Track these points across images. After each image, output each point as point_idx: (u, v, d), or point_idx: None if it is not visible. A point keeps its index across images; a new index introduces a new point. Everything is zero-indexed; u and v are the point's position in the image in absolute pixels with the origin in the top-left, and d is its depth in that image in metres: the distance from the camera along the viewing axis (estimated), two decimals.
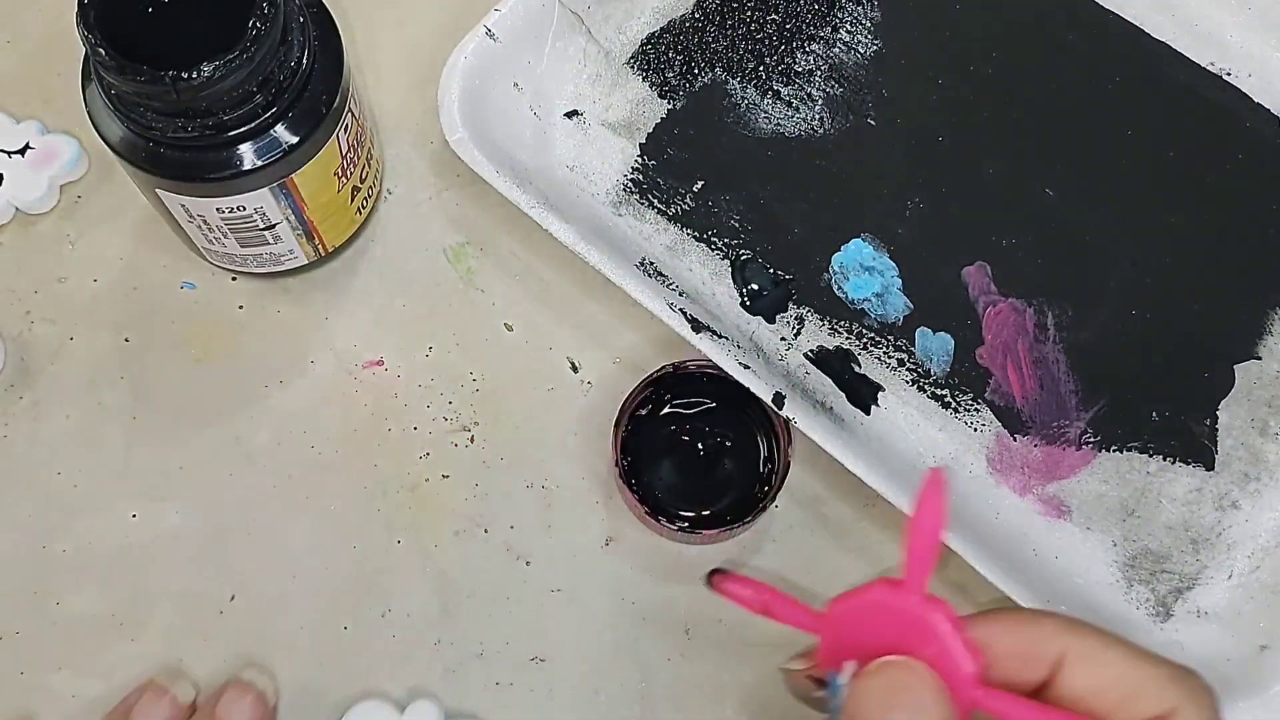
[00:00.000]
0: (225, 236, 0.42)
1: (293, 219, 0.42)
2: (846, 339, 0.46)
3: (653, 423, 0.43)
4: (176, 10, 0.38)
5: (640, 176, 0.47)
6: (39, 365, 0.45)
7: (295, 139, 0.39)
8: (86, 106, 0.39)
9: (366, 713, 0.41)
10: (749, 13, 0.49)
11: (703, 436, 0.44)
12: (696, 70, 0.49)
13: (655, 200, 0.47)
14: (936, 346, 0.46)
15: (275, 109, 0.38)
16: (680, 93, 0.48)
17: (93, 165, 0.48)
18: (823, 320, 0.46)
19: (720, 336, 0.43)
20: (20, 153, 0.47)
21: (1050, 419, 0.45)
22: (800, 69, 0.49)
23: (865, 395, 0.45)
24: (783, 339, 0.46)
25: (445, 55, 0.44)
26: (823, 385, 0.45)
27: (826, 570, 0.44)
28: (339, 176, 0.42)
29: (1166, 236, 0.47)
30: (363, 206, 0.45)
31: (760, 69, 0.49)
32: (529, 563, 0.44)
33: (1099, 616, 0.41)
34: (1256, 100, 0.49)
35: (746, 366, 0.42)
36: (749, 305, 0.46)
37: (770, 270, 0.46)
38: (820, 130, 0.48)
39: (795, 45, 0.49)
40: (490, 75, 0.45)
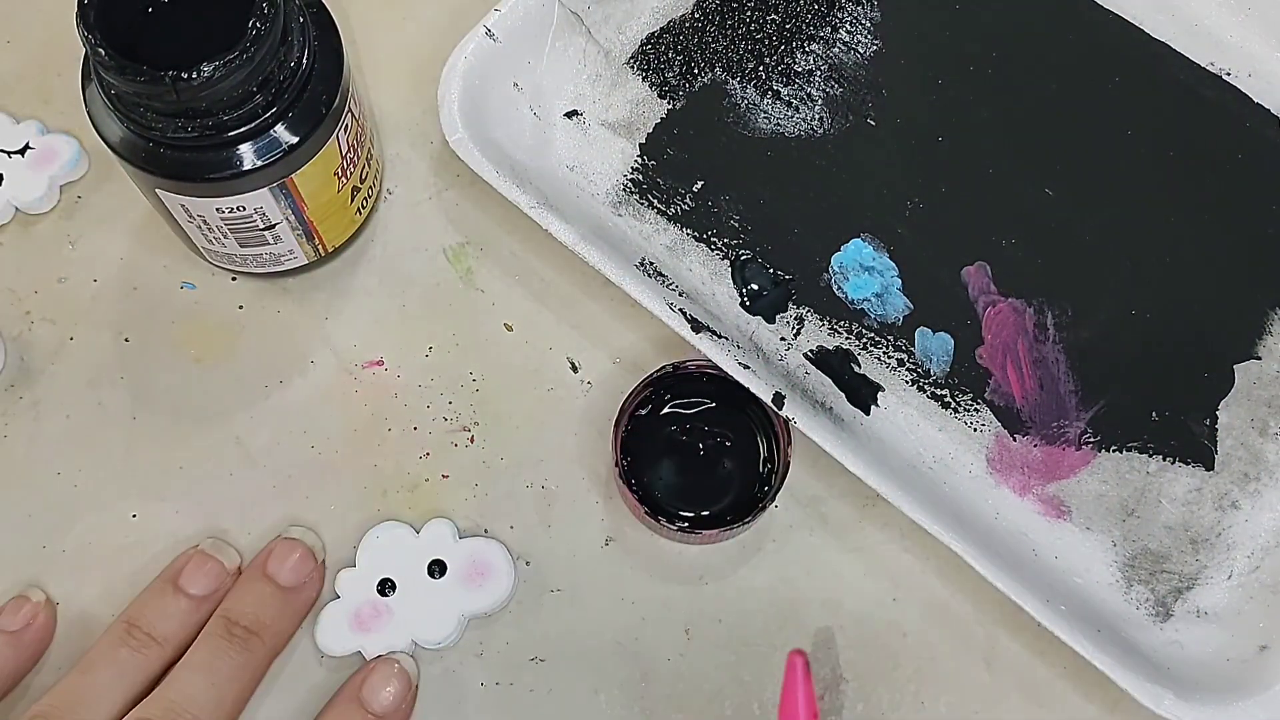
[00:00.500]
0: (225, 236, 0.42)
1: (293, 219, 0.42)
2: (846, 339, 0.46)
3: (653, 423, 0.43)
4: (176, 10, 0.38)
5: (640, 176, 0.47)
6: (39, 365, 0.45)
7: (295, 139, 0.39)
8: (86, 106, 0.39)
9: (385, 531, 0.43)
10: (749, 13, 0.49)
11: (703, 436, 0.44)
12: (696, 70, 0.49)
13: (655, 200, 0.47)
14: (936, 346, 0.46)
15: (275, 109, 0.38)
16: (680, 93, 0.48)
17: (93, 165, 0.48)
18: (823, 320, 0.46)
19: (720, 336, 0.43)
20: (20, 153, 0.47)
21: (1050, 419, 0.45)
22: (800, 69, 0.49)
23: (865, 395, 0.45)
24: (782, 339, 0.46)
25: (445, 55, 0.44)
26: (822, 385, 0.45)
27: (826, 570, 0.44)
28: (339, 176, 0.42)
29: (1166, 236, 0.47)
30: (363, 206, 0.45)
31: (760, 69, 0.49)
32: (529, 563, 0.44)
33: (1099, 616, 0.42)
34: (1256, 100, 0.49)
35: (746, 366, 0.42)
36: (749, 305, 0.46)
37: (770, 270, 0.46)
38: (820, 130, 0.48)
39: (795, 45, 0.49)
40: (490, 75, 0.45)
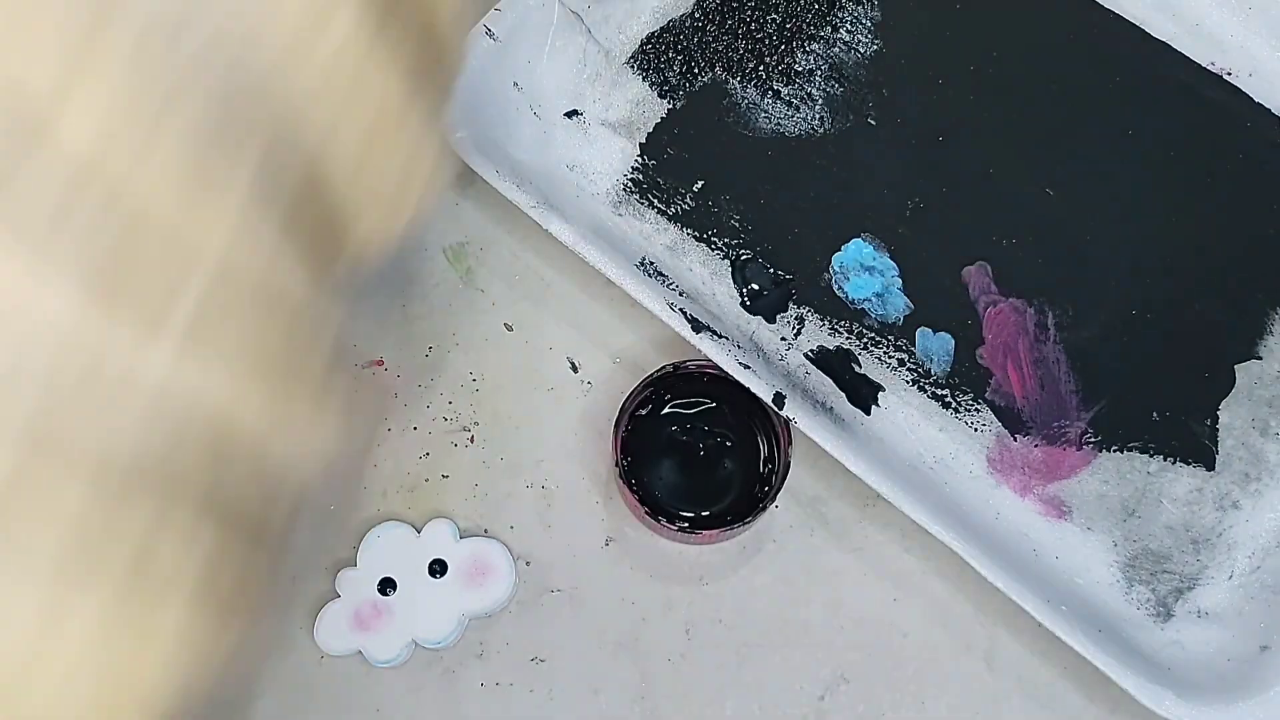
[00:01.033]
0: None
1: None
2: (847, 339, 0.46)
3: (653, 423, 0.43)
4: None
5: (640, 176, 0.47)
6: None
7: None
8: None
9: (385, 531, 0.43)
10: (749, 12, 0.49)
11: (703, 436, 0.43)
12: (696, 70, 0.49)
13: (655, 200, 0.47)
14: (937, 346, 0.46)
15: None
16: (680, 92, 0.48)
17: None
18: (823, 320, 0.46)
19: (720, 336, 0.43)
20: None
21: (1050, 419, 0.45)
22: (800, 69, 0.49)
23: (865, 395, 0.45)
24: (783, 339, 0.46)
25: None
26: (823, 385, 0.45)
27: (826, 570, 0.44)
28: None
29: (1166, 236, 0.47)
30: None
31: (760, 69, 0.49)
32: (529, 563, 0.44)
33: (1100, 617, 0.42)
34: (1257, 100, 0.49)
35: (746, 366, 0.42)
36: (749, 305, 0.46)
37: (770, 270, 0.46)
38: (820, 130, 0.48)
39: (795, 45, 0.49)
40: (490, 75, 0.45)
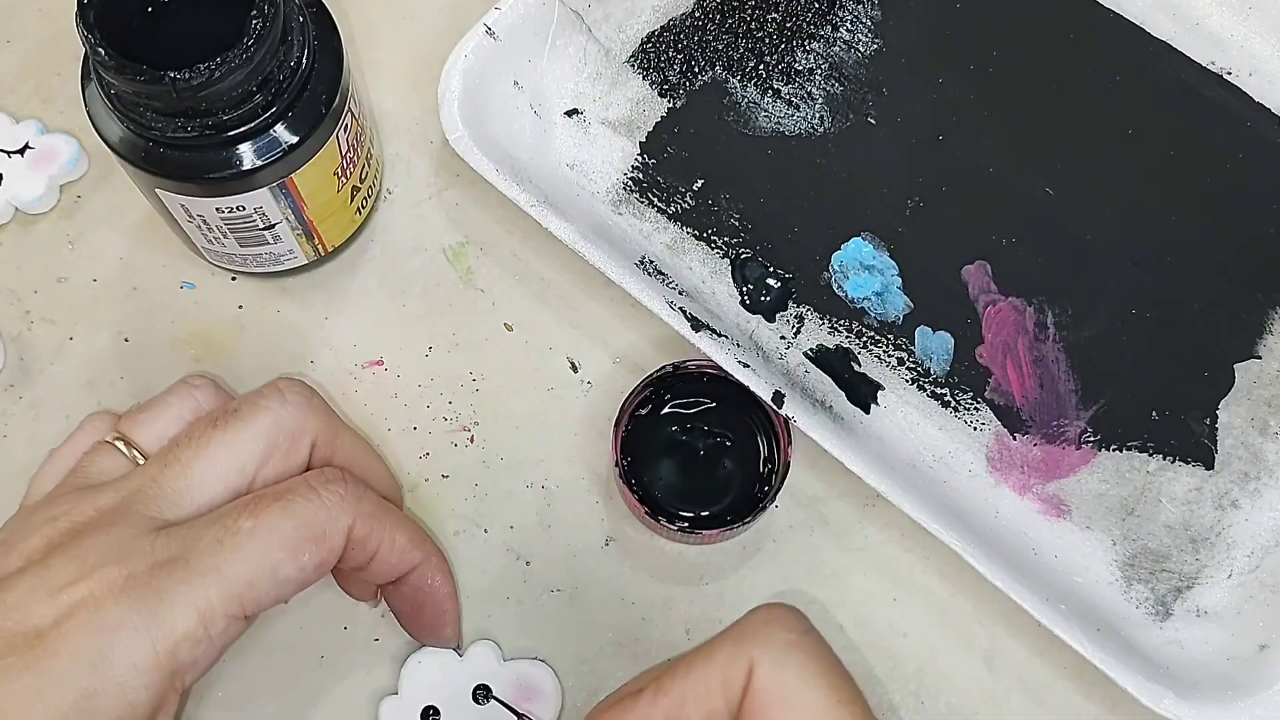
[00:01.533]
0: (225, 236, 0.42)
1: (292, 219, 0.42)
2: (846, 338, 0.46)
3: (653, 423, 0.43)
4: (176, 10, 0.38)
5: (640, 175, 0.47)
6: (39, 365, 0.45)
7: (295, 139, 0.39)
8: (86, 106, 0.39)
9: (427, 656, 0.42)
10: (749, 11, 0.49)
11: (703, 436, 0.43)
12: (696, 69, 0.49)
13: (655, 199, 0.47)
14: (936, 345, 0.46)
15: (275, 109, 0.38)
16: (680, 91, 0.48)
17: (92, 165, 0.48)
18: (822, 319, 0.46)
19: (720, 335, 0.43)
20: (20, 152, 0.47)
21: (1050, 418, 0.45)
22: (800, 68, 0.49)
23: (865, 394, 0.45)
24: (782, 338, 0.46)
25: (445, 54, 0.44)
26: (822, 384, 0.45)
27: (826, 570, 0.44)
28: (339, 176, 0.42)
29: (1166, 236, 0.47)
30: (362, 206, 0.45)
31: (760, 68, 0.49)
32: (529, 563, 0.44)
33: (1099, 616, 0.42)
34: (1257, 100, 0.49)
35: (746, 365, 0.42)
36: (749, 304, 0.46)
37: (770, 269, 0.46)
38: (820, 129, 0.48)
39: (795, 44, 0.49)
40: (490, 74, 0.45)
